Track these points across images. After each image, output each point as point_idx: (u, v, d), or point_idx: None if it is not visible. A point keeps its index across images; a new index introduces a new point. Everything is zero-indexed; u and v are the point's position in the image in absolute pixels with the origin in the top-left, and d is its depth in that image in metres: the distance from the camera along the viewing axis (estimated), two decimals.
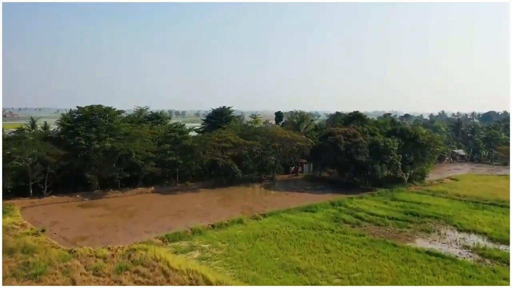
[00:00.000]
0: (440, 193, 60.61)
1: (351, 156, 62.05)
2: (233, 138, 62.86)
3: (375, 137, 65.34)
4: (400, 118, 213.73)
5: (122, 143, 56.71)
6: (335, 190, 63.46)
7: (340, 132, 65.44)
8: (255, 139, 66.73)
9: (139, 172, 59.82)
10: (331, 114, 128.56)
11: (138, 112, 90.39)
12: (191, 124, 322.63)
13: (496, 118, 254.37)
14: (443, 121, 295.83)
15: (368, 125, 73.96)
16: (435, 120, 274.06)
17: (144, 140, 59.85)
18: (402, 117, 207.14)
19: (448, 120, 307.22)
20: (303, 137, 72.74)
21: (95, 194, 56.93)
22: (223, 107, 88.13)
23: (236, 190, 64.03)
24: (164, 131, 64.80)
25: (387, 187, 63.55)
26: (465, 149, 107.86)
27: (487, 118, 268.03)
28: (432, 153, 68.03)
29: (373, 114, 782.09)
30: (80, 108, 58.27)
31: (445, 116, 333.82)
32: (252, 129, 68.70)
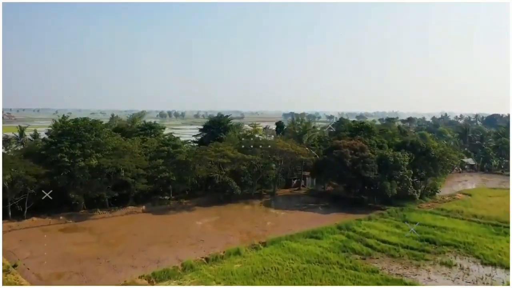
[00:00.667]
0: (455, 212, 55.97)
1: (358, 172, 57.42)
2: (231, 153, 58.24)
3: (384, 151, 60.67)
4: (403, 122, 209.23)
5: (110, 160, 52.11)
6: (341, 208, 58.86)
7: (346, 146, 60.79)
8: (255, 153, 62.15)
9: (129, 190, 55.23)
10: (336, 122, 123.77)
11: (131, 120, 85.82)
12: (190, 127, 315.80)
13: (500, 121, 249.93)
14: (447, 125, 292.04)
15: (376, 136, 69.19)
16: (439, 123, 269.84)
17: (134, 155, 55.23)
18: (405, 121, 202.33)
19: (451, 123, 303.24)
20: (306, 149, 68.12)
21: (80, 215, 52.35)
22: (221, 116, 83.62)
23: (234, 208, 59.41)
24: (156, 144, 60.15)
25: (397, 204, 58.96)
26: (474, 158, 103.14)
27: (491, 121, 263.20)
28: (444, 167, 63.38)
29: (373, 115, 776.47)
30: (64, 122, 53.74)
31: (448, 118, 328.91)
32: (251, 141, 64.03)
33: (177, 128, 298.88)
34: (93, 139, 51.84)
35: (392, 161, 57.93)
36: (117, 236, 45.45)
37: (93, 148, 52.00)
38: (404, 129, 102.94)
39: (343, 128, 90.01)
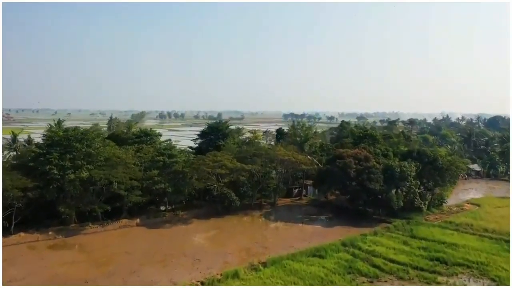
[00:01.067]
0: (465, 226, 53.26)
1: (363, 183, 54.79)
2: (229, 163, 55.59)
3: (390, 161, 58.03)
4: (405, 125, 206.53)
5: (102, 171, 49.49)
6: (344, 221, 56.25)
7: (350, 155, 58.17)
8: (254, 162, 59.50)
9: (122, 203, 52.61)
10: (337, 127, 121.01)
11: (126, 126, 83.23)
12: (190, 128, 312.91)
13: (502, 123, 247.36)
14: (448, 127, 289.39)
15: (380, 144, 66.50)
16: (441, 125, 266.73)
17: (128, 166, 52.62)
18: (407, 124, 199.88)
19: (453, 125, 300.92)
20: (307, 158, 65.52)
21: (71, 229, 49.68)
22: (219, 121, 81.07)
23: (233, 221, 56.78)
24: (151, 154, 57.54)
25: (403, 217, 56.33)
26: (480, 163, 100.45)
27: (493, 123, 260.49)
28: (452, 177, 60.75)
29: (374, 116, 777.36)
30: (53, 131, 51.15)
31: (449, 120, 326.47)
32: (251, 150, 61.36)
33: (177, 130, 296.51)
34: (84, 149, 49.22)
35: (398, 172, 55.31)
36: (108, 254, 42.84)
37: (84, 159, 49.38)
38: (407, 133, 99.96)
39: (345, 134, 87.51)
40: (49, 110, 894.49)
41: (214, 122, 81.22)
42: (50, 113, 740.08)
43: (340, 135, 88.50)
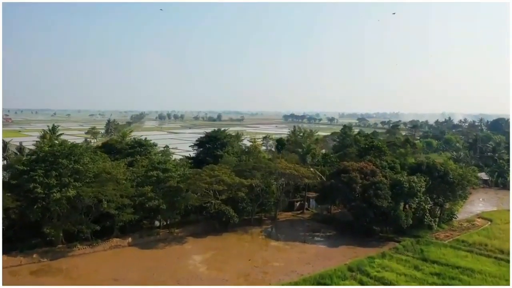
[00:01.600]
0: (479, 246, 49.92)
1: (369, 200, 51.44)
2: (227, 178, 52.24)
3: (398, 175, 54.65)
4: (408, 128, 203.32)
5: (91, 189, 46.09)
6: (350, 239, 52.95)
7: (356, 169, 54.84)
8: (254, 176, 56.17)
9: (112, 222, 49.26)
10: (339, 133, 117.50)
11: (120, 136, 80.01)
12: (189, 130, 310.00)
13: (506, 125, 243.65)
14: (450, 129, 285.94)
15: (387, 156, 63.08)
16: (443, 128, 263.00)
17: (119, 182, 49.25)
18: (411, 128, 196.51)
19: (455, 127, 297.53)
20: (310, 170, 62.19)
21: (57, 251, 46.30)
22: (217, 129, 77.76)
23: (231, 239, 53.45)
24: (144, 168, 54.24)
25: (411, 234, 53.05)
26: (487, 172, 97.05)
27: (496, 125, 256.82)
28: (464, 192, 57.43)
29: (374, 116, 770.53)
30: (38, 147, 47.87)
31: (451, 122, 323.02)
32: (250, 163, 57.99)
33: (176, 132, 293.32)
34: (72, 166, 45.81)
35: (407, 188, 51.98)
36: (95, 282, 39.42)
37: (72, 176, 46.00)
38: (411, 139, 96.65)
39: (348, 142, 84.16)
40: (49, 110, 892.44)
41: (212, 131, 77.92)
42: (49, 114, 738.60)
43: (343, 143, 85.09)
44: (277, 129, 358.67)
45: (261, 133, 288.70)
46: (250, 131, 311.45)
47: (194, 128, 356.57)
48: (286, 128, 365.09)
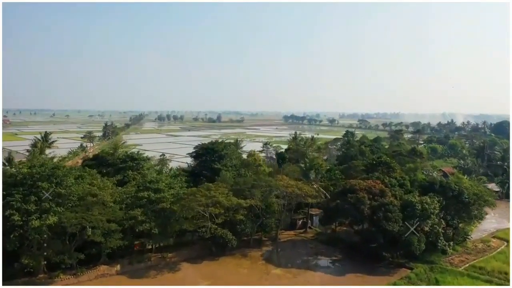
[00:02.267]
0: (498, 274, 45.86)
1: (379, 223, 47.34)
2: (224, 199, 48.12)
3: (409, 196, 50.50)
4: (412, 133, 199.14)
5: (75, 214, 42.00)
6: (357, 265, 48.95)
7: (363, 188, 50.74)
8: (253, 195, 52.08)
9: (99, 248, 45.17)
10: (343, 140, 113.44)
11: (112, 148, 75.91)
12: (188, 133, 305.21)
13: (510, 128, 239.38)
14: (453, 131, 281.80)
15: (396, 173, 58.90)
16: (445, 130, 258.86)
17: (106, 205, 45.18)
18: (414, 132, 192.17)
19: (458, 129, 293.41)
20: (314, 187, 58.13)
21: (38, 282, 42.33)
22: (215, 141, 73.71)
23: (229, 265, 49.36)
24: (135, 188, 50.17)
25: (423, 259, 49.05)
26: (498, 183, 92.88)
27: (500, 128, 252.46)
28: (479, 212, 53.35)
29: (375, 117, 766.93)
30: (17, 169, 43.82)
31: (454, 125, 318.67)
32: (249, 181, 53.84)
33: (174, 135, 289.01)
34: (53, 189, 41.70)
35: (419, 210, 47.86)
36: None
37: (53, 200, 41.91)
38: (418, 150, 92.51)
39: (353, 152, 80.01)
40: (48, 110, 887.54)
41: (209, 142, 73.96)
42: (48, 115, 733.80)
43: (348, 154, 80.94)
44: (277, 131, 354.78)
45: (261, 136, 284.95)
46: (250, 134, 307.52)
47: (194, 130, 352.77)
48: (287, 130, 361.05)
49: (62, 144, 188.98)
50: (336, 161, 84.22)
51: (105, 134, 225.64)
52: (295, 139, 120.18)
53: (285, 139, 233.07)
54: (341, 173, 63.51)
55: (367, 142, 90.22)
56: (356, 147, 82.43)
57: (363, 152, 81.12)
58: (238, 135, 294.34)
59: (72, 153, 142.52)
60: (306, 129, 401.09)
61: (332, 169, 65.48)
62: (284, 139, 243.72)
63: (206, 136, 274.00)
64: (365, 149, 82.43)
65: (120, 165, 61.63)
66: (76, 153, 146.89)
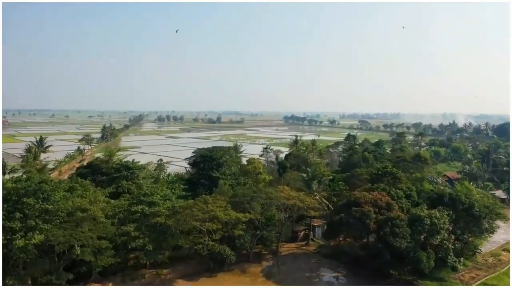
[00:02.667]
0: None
1: (385, 239, 44.80)
2: (222, 214, 45.62)
3: (417, 209, 47.93)
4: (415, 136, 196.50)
5: (63, 231, 39.51)
6: (363, 283, 46.39)
7: (368, 201, 48.21)
8: (253, 208, 49.56)
9: (89, 267, 42.66)
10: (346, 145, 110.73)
11: (107, 155, 73.46)
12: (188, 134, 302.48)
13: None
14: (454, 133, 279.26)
15: (403, 183, 56.29)
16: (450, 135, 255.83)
17: (97, 221, 42.69)
18: (416, 135, 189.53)
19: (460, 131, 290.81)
20: (316, 198, 55.59)
21: None
22: (213, 149, 71.23)
23: (228, 282, 46.78)
24: (128, 201, 47.69)
25: (432, 276, 46.63)
26: (504, 189, 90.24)
27: (502, 130, 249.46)
28: (490, 226, 50.79)
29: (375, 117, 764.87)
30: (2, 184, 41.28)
31: (456, 126, 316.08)
32: (248, 193, 51.27)
33: (174, 137, 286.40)
34: (39, 205, 39.20)
35: (428, 224, 45.32)
36: None
37: (40, 217, 39.42)
38: (423, 156, 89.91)
39: (356, 159, 77.47)
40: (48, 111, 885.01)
41: (208, 149, 71.40)
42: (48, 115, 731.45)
43: (351, 161, 78.41)
44: (277, 132, 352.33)
45: (261, 137, 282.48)
46: (250, 135, 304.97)
47: (193, 131, 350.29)
48: (287, 131, 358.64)
49: (60, 147, 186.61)
50: (339, 168, 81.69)
51: (103, 136, 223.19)
52: (296, 143, 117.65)
53: (286, 141, 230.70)
54: (344, 183, 60.92)
55: (370, 148, 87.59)
56: (359, 154, 79.91)
57: (367, 159, 78.61)
58: (238, 136, 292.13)
59: (69, 157, 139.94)
60: (307, 130, 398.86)
61: (335, 179, 62.85)
62: (284, 141, 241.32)
63: (206, 138, 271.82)
64: (369, 156, 79.89)
65: (114, 175, 59.19)
66: (73, 156, 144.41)
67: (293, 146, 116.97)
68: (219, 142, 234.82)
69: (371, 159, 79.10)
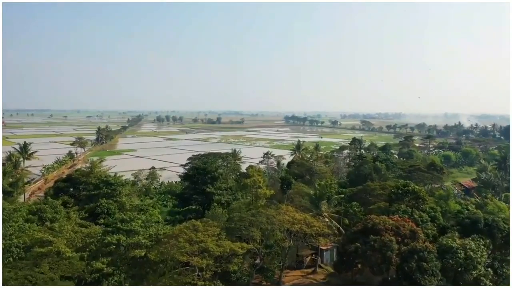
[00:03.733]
0: None
1: (411, 275, 37.09)
2: (214, 246, 37.83)
3: (447, 239, 40.15)
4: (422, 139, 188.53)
5: (15, 273, 31.83)
6: None
7: (389, 228, 40.48)
8: (252, 236, 41.81)
9: None
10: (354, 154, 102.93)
11: (89, 166, 65.85)
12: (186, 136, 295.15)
13: None
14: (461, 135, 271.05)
15: (426, 204, 48.34)
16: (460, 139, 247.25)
17: (62, 256, 35.07)
18: (424, 138, 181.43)
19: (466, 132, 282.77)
20: (325, 220, 47.90)
21: None
22: (208, 156, 63.56)
23: None
24: (100, 231, 39.97)
25: None
26: None
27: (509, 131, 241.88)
28: None
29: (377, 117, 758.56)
30: None
31: (462, 127, 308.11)
32: (247, 217, 43.53)
33: (172, 138, 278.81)
34: None
35: (462, 258, 37.62)
36: None
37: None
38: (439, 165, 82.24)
39: (366, 170, 69.67)
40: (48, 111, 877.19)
41: (202, 161, 63.76)
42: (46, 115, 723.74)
43: (360, 171, 70.63)
44: (278, 133, 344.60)
45: (261, 139, 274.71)
46: (250, 137, 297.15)
47: (192, 132, 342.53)
48: (288, 132, 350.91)
49: (52, 150, 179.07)
50: (347, 179, 73.97)
51: (98, 139, 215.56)
52: (299, 148, 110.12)
53: (287, 143, 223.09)
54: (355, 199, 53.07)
55: (380, 156, 79.79)
56: (370, 164, 72.14)
57: (378, 169, 70.92)
58: (237, 138, 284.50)
59: (58, 162, 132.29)
60: (308, 131, 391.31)
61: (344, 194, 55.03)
62: (286, 143, 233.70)
63: (205, 140, 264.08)
64: (381, 166, 72.20)
65: (92, 192, 51.57)
66: (63, 162, 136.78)
67: (295, 151, 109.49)
68: (218, 145, 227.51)
69: (383, 170, 71.41)
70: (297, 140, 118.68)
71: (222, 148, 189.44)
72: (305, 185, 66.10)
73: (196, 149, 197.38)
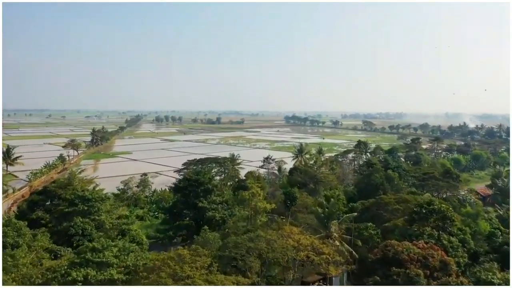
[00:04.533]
0: None
1: None
2: (203, 283, 30.99)
3: (487, 272, 33.37)
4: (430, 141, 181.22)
5: None
6: None
7: (415, 258, 33.65)
8: (249, 266, 35.00)
9: None
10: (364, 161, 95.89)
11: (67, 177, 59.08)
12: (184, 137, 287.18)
13: None
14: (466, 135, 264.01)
15: (455, 225, 41.18)
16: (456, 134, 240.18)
17: None
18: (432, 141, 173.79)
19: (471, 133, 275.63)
20: (335, 243, 41.07)
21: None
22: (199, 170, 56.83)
23: None
24: (68, 260, 33.12)
25: None
26: None
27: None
28: None
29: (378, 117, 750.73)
30: None
31: (467, 128, 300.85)
32: (244, 242, 36.73)
33: (170, 140, 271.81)
34: None
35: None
36: None
37: None
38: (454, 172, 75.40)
39: (378, 180, 62.68)
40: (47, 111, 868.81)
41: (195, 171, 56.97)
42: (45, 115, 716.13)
43: (371, 181, 63.68)
44: (279, 134, 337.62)
45: (262, 140, 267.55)
46: (250, 137, 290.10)
47: (191, 133, 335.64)
48: (289, 133, 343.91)
49: (45, 152, 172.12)
50: (355, 189, 67.05)
51: (93, 140, 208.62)
52: (301, 152, 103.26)
53: (288, 145, 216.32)
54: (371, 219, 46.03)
55: (392, 164, 72.82)
56: (381, 173, 65.18)
57: (391, 178, 64.08)
58: (237, 139, 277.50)
59: (48, 166, 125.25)
60: (309, 131, 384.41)
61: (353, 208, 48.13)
62: (286, 144, 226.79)
63: (203, 141, 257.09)
64: (393, 175, 65.35)
65: (66, 210, 44.77)
66: (53, 166, 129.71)
67: (298, 155, 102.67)
68: (217, 146, 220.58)
69: (396, 179, 64.59)
70: (299, 144, 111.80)
71: (221, 150, 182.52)
72: (310, 196, 59.49)
73: (194, 151, 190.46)
